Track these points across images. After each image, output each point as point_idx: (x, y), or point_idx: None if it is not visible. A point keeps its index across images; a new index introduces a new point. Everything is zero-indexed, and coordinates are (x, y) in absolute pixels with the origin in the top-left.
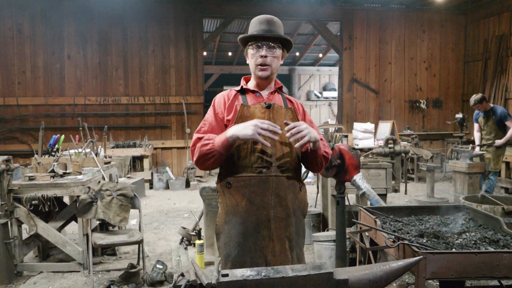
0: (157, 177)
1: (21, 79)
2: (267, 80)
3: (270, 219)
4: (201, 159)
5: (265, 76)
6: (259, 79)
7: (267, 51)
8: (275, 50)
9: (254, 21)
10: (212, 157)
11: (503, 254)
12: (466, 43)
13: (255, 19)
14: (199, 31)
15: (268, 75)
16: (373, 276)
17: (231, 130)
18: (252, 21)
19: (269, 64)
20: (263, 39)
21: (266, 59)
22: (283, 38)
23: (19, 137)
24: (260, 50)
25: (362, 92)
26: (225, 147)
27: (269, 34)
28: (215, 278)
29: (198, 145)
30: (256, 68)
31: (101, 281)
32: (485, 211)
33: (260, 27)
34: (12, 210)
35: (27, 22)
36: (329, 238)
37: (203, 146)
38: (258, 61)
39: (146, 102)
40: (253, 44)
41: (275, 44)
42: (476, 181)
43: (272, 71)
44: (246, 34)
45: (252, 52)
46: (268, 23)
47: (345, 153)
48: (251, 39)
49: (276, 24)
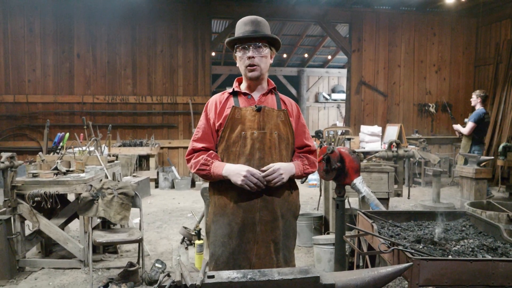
0: (162, 176)
1: (31, 77)
2: (258, 80)
3: (256, 222)
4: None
5: (255, 76)
6: (249, 80)
7: (254, 52)
8: (262, 50)
9: (239, 24)
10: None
11: (499, 262)
12: (477, 47)
13: (240, 21)
14: (207, 32)
15: (258, 75)
16: (360, 281)
17: (227, 170)
18: (237, 24)
19: (257, 64)
20: (249, 40)
21: (254, 60)
22: (268, 37)
23: (28, 134)
24: (247, 51)
25: (371, 94)
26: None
27: (254, 34)
28: (200, 279)
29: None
30: (245, 69)
31: (100, 279)
32: (485, 218)
33: (245, 28)
34: (15, 206)
35: (38, 21)
36: (329, 242)
37: (199, 171)
38: (246, 63)
39: (153, 102)
40: (239, 46)
41: (261, 44)
42: (483, 187)
43: (261, 71)
44: (232, 37)
45: (240, 55)
46: (252, 23)
47: (345, 156)
48: (237, 41)
49: (261, 24)
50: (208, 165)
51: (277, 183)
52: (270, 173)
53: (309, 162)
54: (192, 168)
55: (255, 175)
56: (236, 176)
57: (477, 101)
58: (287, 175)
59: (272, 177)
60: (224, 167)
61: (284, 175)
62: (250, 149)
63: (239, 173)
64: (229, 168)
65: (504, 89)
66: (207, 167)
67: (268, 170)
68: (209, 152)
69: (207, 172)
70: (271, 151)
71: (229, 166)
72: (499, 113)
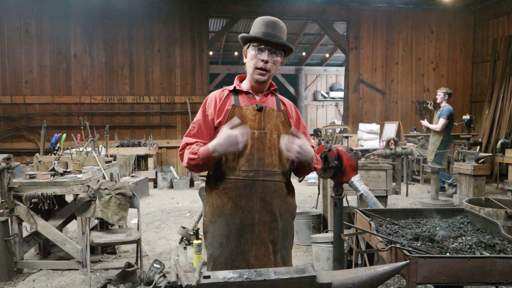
0: (161, 176)
1: (28, 78)
2: (263, 84)
3: (255, 223)
4: (190, 168)
5: (262, 81)
6: (255, 83)
7: (269, 56)
8: (277, 57)
9: (259, 22)
10: (201, 168)
11: (496, 259)
12: (475, 44)
13: (260, 19)
14: (204, 31)
15: (265, 80)
16: (357, 280)
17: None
18: (257, 21)
19: (269, 69)
20: (267, 43)
21: (267, 65)
22: (286, 45)
23: (25, 135)
24: (262, 54)
25: (368, 92)
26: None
27: (275, 40)
28: (195, 280)
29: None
30: (254, 71)
31: (99, 280)
32: (483, 215)
33: (265, 29)
34: (13, 208)
35: (35, 22)
36: (327, 240)
37: (190, 160)
38: (258, 65)
39: (151, 102)
40: (255, 46)
41: (277, 50)
42: (481, 184)
43: (269, 76)
44: (250, 35)
45: (253, 54)
46: (274, 27)
47: (343, 155)
48: (254, 40)
49: (282, 29)
50: (195, 153)
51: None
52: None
53: (317, 159)
54: (183, 162)
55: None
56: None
57: (444, 98)
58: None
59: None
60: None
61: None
62: (250, 149)
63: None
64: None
65: (502, 86)
66: (195, 155)
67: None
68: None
69: (197, 160)
70: (271, 151)
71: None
72: (497, 110)
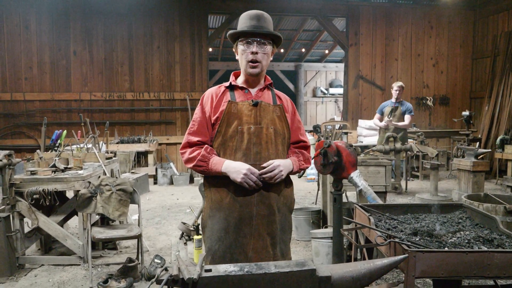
0: (161, 173)
1: (28, 75)
2: (257, 77)
3: (253, 217)
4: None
5: (256, 73)
6: (249, 76)
7: (258, 48)
8: (266, 47)
9: (244, 17)
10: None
11: (494, 253)
12: (475, 40)
13: (245, 14)
14: (204, 27)
15: (259, 72)
16: (356, 273)
17: (227, 167)
18: (242, 17)
19: (259, 60)
20: (254, 35)
21: (257, 56)
22: (273, 34)
23: (26, 132)
24: (251, 46)
25: (368, 89)
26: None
27: (260, 30)
28: (197, 273)
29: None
30: (246, 64)
31: (100, 275)
32: (481, 210)
33: (250, 22)
34: (14, 204)
35: (34, 19)
36: (327, 235)
37: (196, 167)
38: (249, 58)
39: (151, 98)
40: (243, 40)
41: (265, 40)
42: (481, 180)
43: (262, 68)
44: (236, 30)
45: (243, 48)
46: (258, 18)
47: (342, 150)
48: (241, 35)
49: (266, 20)
50: (205, 161)
51: (276, 180)
52: (271, 169)
53: (304, 158)
54: (187, 163)
55: (255, 174)
56: (237, 173)
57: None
58: (286, 171)
59: (273, 174)
60: (224, 164)
61: (284, 172)
62: (247, 144)
63: (240, 171)
64: (229, 165)
65: (502, 82)
66: (205, 163)
67: (269, 167)
68: (205, 147)
69: (204, 168)
70: (267, 145)
71: (228, 163)
72: (496, 106)
